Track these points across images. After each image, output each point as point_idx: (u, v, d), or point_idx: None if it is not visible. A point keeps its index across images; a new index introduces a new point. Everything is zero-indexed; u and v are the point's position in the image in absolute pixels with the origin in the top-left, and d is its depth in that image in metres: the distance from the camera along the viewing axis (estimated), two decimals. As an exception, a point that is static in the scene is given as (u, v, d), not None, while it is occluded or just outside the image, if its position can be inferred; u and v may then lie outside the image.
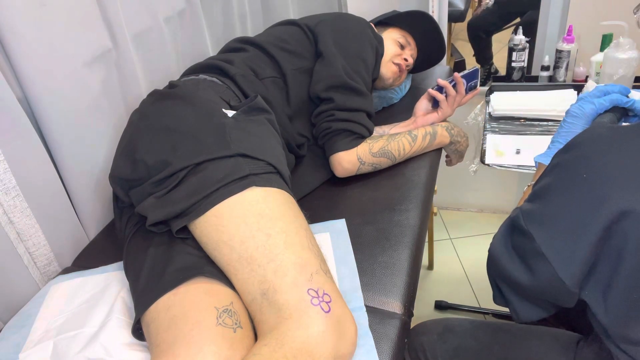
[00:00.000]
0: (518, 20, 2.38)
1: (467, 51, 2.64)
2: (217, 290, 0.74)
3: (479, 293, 1.88)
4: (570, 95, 1.48)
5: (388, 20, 1.38)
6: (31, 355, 0.76)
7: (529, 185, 0.87)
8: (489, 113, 1.49)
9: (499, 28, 2.49)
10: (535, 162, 0.89)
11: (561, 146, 0.75)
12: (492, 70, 2.57)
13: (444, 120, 1.24)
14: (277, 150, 0.89)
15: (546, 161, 0.85)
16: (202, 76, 1.03)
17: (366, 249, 0.92)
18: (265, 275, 0.70)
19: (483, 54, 2.56)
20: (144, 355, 0.74)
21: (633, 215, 0.59)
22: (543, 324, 1.01)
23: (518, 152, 1.29)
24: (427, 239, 1.94)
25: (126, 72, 1.08)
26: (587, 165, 0.64)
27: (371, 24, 1.30)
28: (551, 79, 1.61)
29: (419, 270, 0.94)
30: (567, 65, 1.56)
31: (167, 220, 0.80)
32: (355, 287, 0.83)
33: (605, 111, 0.84)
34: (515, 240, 0.72)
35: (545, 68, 1.59)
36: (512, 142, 1.33)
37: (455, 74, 1.19)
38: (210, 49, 1.40)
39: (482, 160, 1.30)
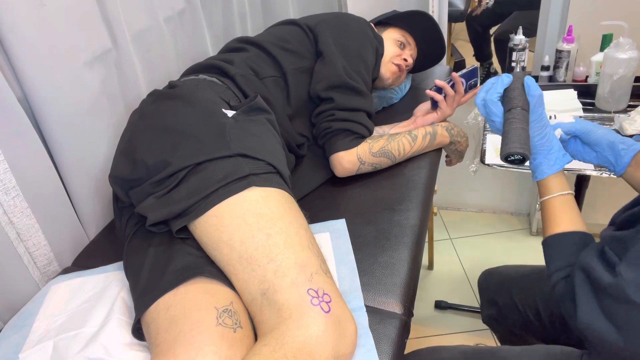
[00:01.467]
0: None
1: (467, 51, 2.64)
2: (217, 290, 0.74)
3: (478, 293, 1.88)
4: (570, 95, 1.48)
5: (388, 20, 1.38)
6: (31, 355, 0.76)
7: (540, 202, 0.83)
8: (489, 113, 1.49)
9: (495, 23, 2.49)
10: (537, 174, 0.84)
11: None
12: (492, 71, 2.57)
13: (444, 120, 1.24)
14: (277, 150, 0.89)
15: (550, 170, 0.81)
16: (202, 76, 1.03)
17: (366, 249, 0.92)
18: (265, 275, 0.70)
19: (481, 50, 2.56)
20: (144, 355, 0.74)
21: None
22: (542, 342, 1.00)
23: (518, 152, 1.29)
24: (427, 239, 1.94)
25: (126, 72, 1.08)
26: None
27: (371, 24, 1.31)
28: (551, 79, 1.61)
29: (419, 270, 0.94)
30: (567, 65, 1.56)
31: (167, 221, 0.80)
32: (355, 287, 0.83)
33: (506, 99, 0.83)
34: (610, 308, 0.64)
35: (545, 68, 1.59)
36: (512, 142, 1.33)
37: (453, 73, 1.19)
38: (210, 49, 1.40)
39: (482, 160, 1.30)
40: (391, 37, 1.32)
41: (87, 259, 1.01)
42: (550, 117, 0.91)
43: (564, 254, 0.75)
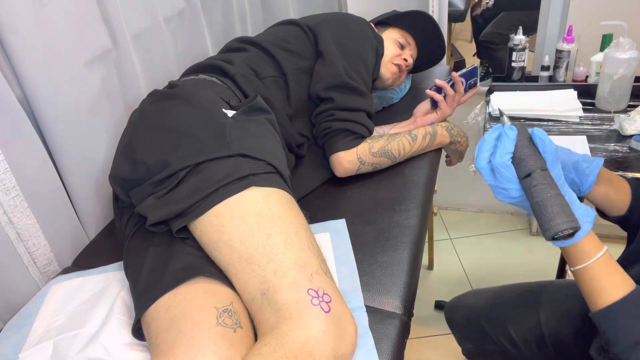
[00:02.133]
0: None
1: (467, 51, 2.64)
2: (217, 290, 0.74)
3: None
4: (570, 95, 1.48)
5: (388, 20, 1.38)
6: (31, 355, 0.76)
7: (575, 271, 0.68)
8: (489, 113, 1.49)
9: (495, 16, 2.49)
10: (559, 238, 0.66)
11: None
12: (491, 71, 2.57)
13: (444, 120, 1.24)
14: (277, 150, 0.89)
15: (582, 232, 0.65)
16: (201, 76, 1.03)
17: (366, 249, 0.92)
18: (265, 275, 0.70)
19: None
20: (144, 355, 0.74)
21: None
22: None
23: (518, 152, 1.28)
24: (427, 239, 1.94)
25: (126, 72, 1.08)
26: None
27: (371, 24, 1.31)
28: (551, 79, 1.61)
29: (419, 270, 0.94)
30: (567, 65, 1.56)
31: (167, 221, 0.80)
32: (355, 287, 0.83)
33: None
34: None
35: (545, 68, 1.60)
36: (512, 142, 1.33)
37: (453, 73, 1.19)
38: (210, 49, 1.40)
39: (482, 160, 1.30)
40: (391, 37, 1.32)
41: (87, 259, 1.01)
42: None
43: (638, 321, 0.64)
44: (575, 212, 0.65)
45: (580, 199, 0.74)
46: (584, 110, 1.42)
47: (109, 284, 0.87)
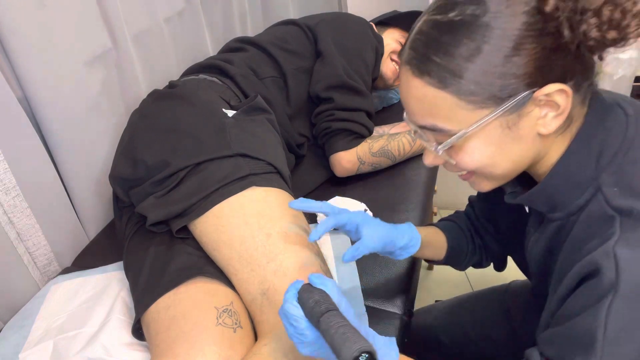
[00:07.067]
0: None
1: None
2: (217, 290, 0.74)
3: None
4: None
5: (388, 21, 1.38)
6: (31, 355, 0.76)
7: None
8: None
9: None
10: None
11: None
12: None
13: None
14: (277, 150, 0.89)
15: None
16: (201, 76, 1.03)
17: (366, 249, 0.91)
18: (265, 275, 0.70)
19: None
20: (144, 355, 0.74)
21: None
22: None
23: (518, 152, 1.29)
24: (427, 239, 1.93)
25: (126, 72, 1.08)
26: None
27: (371, 24, 1.31)
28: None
29: (419, 271, 0.94)
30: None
31: (167, 220, 0.80)
32: (355, 287, 0.83)
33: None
34: None
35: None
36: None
37: None
38: (210, 49, 1.40)
39: (482, 160, 1.30)
40: (391, 37, 1.32)
41: (87, 259, 1.01)
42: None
43: None
44: (376, 345, 0.56)
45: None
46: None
47: (109, 284, 0.87)
